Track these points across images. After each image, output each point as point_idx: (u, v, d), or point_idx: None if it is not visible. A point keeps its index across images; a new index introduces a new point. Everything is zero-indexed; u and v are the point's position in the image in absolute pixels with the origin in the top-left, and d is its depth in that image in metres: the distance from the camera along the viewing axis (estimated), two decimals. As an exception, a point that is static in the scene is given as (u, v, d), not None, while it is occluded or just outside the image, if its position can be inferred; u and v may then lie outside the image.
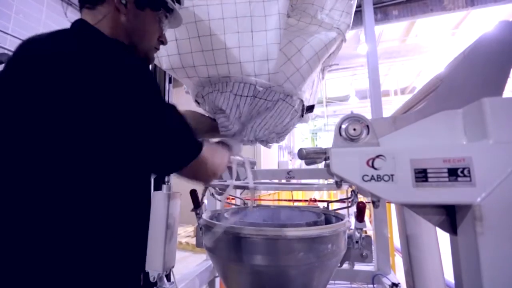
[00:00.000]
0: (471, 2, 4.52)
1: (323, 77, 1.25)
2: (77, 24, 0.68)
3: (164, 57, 1.02)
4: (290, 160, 11.52)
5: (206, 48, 0.93)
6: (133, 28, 0.72)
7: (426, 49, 6.46)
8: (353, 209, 1.20)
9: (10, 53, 0.61)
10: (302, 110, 1.11)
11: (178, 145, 0.64)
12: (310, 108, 1.18)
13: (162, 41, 0.82)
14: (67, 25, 0.66)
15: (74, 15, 5.06)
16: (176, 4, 0.80)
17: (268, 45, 0.90)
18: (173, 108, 0.68)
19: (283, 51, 0.93)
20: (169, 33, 0.94)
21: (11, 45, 4.16)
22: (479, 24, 5.79)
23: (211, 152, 0.73)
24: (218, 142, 0.95)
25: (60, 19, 4.95)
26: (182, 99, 1.39)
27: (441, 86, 0.75)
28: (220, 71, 0.95)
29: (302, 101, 1.05)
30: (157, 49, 0.82)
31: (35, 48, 0.62)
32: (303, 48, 0.95)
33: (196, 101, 1.16)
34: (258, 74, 0.91)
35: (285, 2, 0.90)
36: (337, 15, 1.04)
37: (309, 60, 0.95)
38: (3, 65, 0.59)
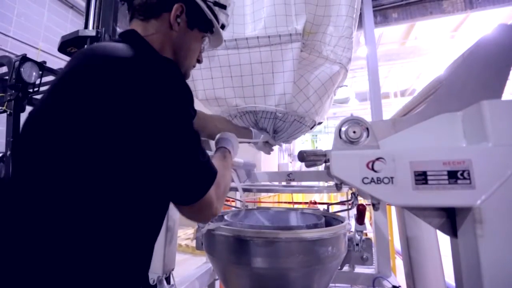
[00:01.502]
0: (470, 5, 4.55)
1: (334, 94, 1.46)
2: (130, 36, 0.67)
3: (200, 91, 1.27)
4: (290, 162, 11.52)
5: (236, 85, 1.19)
6: (181, 45, 0.74)
7: (425, 52, 6.50)
8: (353, 211, 1.20)
9: (12, 55, 0.61)
10: (313, 125, 1.37)
11: (191, 183, 0.60)
12: (319, 123, 1.44)
13: (199, 60, 0.84)
14: (68, 28, 0.66)
15: (76, 18, 5.09)
16: (220, 28, 0.83)
17: (285, 83, 1.13)
18: (198, 142, 0.63)
19: (296, 84, 1.15)
20: (206, 73, 1.21)
21: (12, 47, 4.17)
22: (478, 27, 5.82)
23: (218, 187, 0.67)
24: (220, 154, 0.89)
25: (62, 22, 4.97)
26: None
27: (441, 89, 0.75)
28: (247, 102, 1.22)
29: (314, 121, 1.29)
30: (194, 67, 0.84)
31: (92, 59, 0.60)
32: (312, 81, 1.18)
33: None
34: (277, 104, 1.16)
35: (297, 50, 1.12)
36: (339, 51, 1.23)
37: (317, 90, 1.17)
38: (4, 67, 0.59)
